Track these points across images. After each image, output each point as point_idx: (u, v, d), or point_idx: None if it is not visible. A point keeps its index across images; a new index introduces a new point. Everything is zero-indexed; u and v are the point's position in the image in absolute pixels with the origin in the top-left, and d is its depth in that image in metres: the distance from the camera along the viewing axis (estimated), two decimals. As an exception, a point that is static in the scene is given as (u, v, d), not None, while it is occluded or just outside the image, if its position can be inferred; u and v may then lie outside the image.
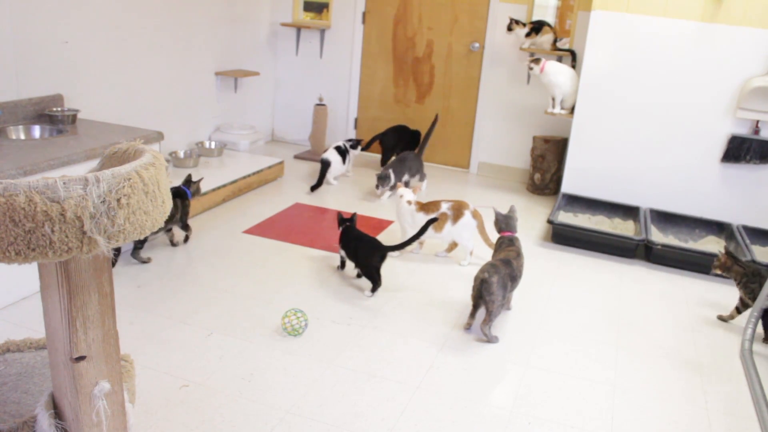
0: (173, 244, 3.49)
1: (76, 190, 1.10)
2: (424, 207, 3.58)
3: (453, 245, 3.68)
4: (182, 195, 3.43)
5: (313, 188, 4.68)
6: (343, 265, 3.39)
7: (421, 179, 4.89)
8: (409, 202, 3.60)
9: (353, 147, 4.96)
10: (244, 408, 2.23)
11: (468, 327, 2.89)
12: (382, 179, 4.55)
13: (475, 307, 2.85)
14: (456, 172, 5.56)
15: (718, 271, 3.19)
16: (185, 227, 3.48)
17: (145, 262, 3.27)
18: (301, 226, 4.03)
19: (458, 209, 3.57)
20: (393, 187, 4.48)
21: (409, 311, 3.02)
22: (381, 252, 3.12)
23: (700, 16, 4.03)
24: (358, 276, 3.30)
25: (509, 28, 4.92)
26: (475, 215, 3.57)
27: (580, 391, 2.51)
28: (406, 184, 4.62)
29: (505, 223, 3.12)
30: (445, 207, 3.57)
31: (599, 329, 3.02)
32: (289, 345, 2.65)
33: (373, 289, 3.13)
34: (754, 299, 3.04)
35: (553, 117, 4.90)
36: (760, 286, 3.01)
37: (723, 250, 3.22)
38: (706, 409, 2.47)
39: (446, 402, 2.36)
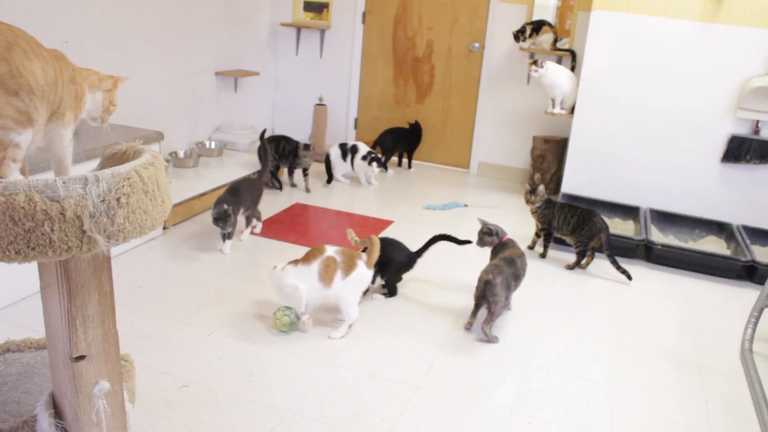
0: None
1: (75, 189, 1.10)
2: (303, 260, 2.72)
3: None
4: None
5: (328, 181, 4.95)
6: None
7: (256, 217, 3.77)
8: (281, 268, 2.74)
9: (371, 162, 4.79)
10: (244, 408, 2.23)
11: (469, 326, 2.89)
12: (223, 219, 3.37)
13: (477, 306, 2.85)
14: (456, 173, 5.56)
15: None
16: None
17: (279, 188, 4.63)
18: (301, 226, 4.03)
19: (350, 257, 2.72)
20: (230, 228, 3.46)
21: (409, 311, 3.02)
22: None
23: (700, 16, 4.03)
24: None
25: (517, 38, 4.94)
26: (370, 264, 2.74)
27: (580, 391, 2.51)
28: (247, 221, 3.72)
29: (497, 232, 3.10)
30: (331, 251, 2.72)
31: (599, 329, 3.02)
32: (289, 345, 2.65)
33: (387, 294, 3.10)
34: (547, 224, 3.73)
35: (553, 117, 4.90)
36: (552, 213, 3.71)
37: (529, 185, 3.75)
38: (706, 409, 2.47)
39: (446, 402, 2.36)
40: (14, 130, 1.16)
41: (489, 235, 3.10)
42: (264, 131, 4.28)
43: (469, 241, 3.20)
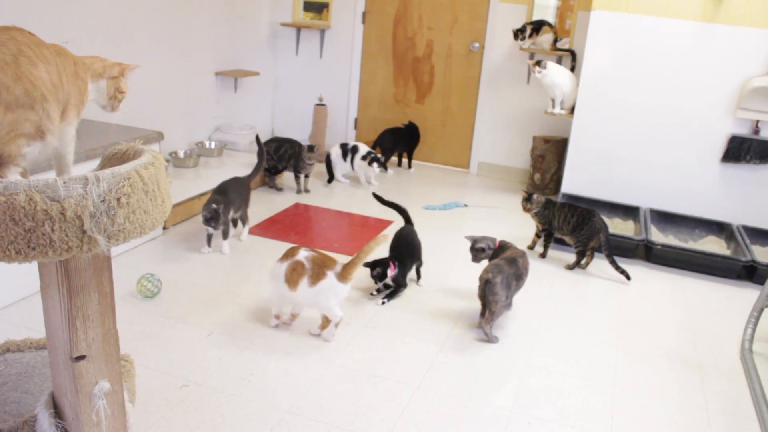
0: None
1: (76, 189, 1.10)
2: (282, 257, 2.67)
3: (326, 321, 2.72)
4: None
5: (329, 181, 4.97)
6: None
7: (243, 221, 3.72)
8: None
9: (371, 163, 4.80)
10: (244, 408, 2.23)
11: (480, 326, 2.88)
12: (215, 218, 3.35)
13: (484, 306, 2.85)
14: (456, 173, 5.56)
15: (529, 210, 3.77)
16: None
17: (279, 189, 4.64)
18: (301, 226, 4.03)
19: (321, 265, 2.59)
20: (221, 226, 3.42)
21: (409, 311, 3.02)
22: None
23: (700, 16, 4.03)
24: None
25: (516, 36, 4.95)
26: (343, 277, 2.58)
27: (580, 391, 2.51)
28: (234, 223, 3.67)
29: (489, 244, 3.10)
30: (303, 255, 2.63)
31: (599, 329, 3.02)
32: (289, 345, 2.65)
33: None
34: (547, 225, 3.75)
35: (553, 117, 4.90)
36: (552, 213, 3.72)
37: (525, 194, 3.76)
38: (706, 409, 2.47)
39: (446, 402, 2.36)
40: (27, 146, 1.18)
41: (483, 251, 3.08)
42: (257, 135, 4.24)
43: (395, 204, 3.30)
